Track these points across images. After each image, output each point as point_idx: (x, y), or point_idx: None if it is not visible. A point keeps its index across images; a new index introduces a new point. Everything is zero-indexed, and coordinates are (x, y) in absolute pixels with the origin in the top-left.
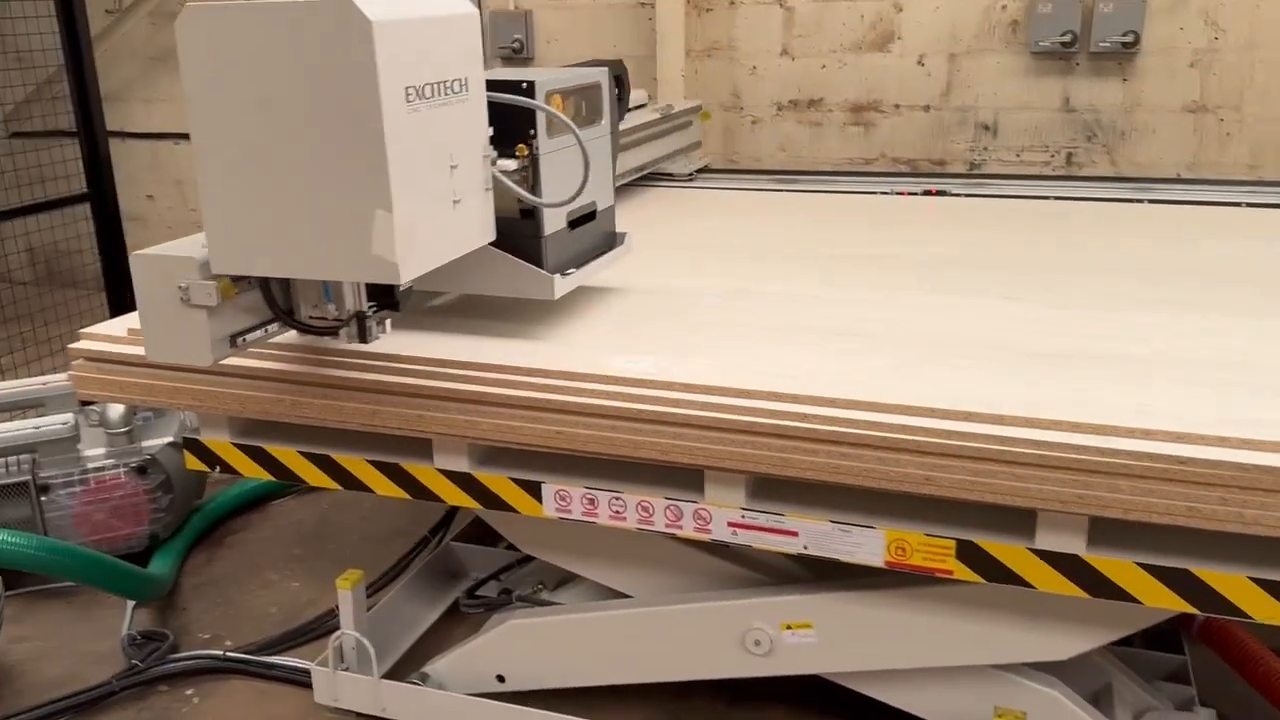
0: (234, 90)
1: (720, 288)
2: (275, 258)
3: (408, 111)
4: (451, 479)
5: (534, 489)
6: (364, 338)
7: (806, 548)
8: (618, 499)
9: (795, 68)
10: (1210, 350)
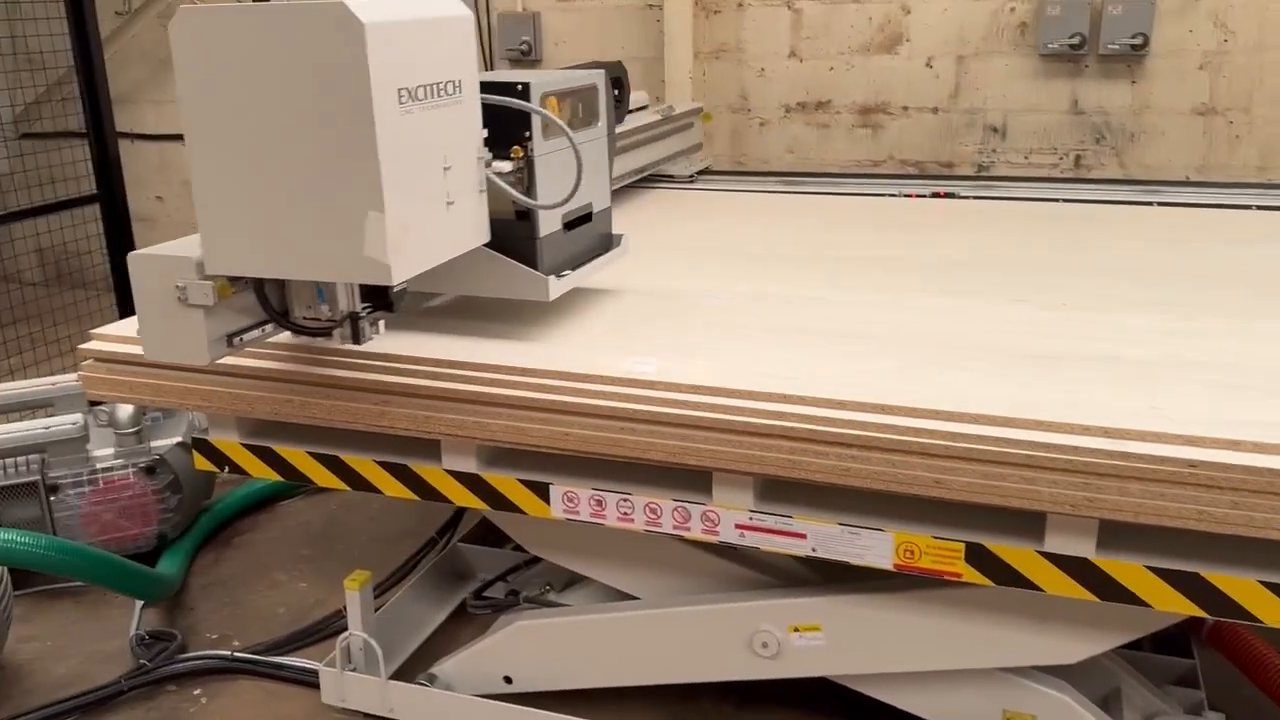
0: (227, 91)
1: (725, 290)
2: (268, 258)
3: (400, 113)
4: (459, 480)
5: (542, 490)
6: (357, 339)
7: (814, 550)
8: (625, 500)
9: (803, 70)
10: (1221, 353)
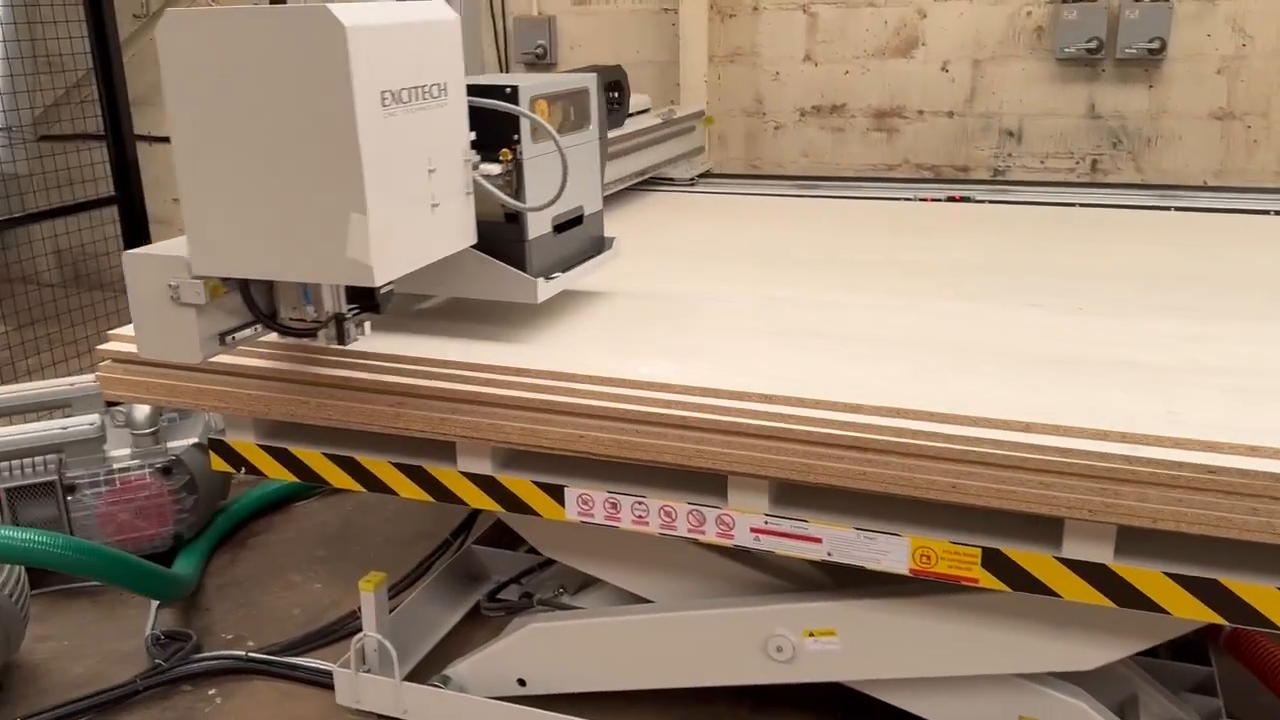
0: (213, 94)
1: (738, 293)
2: (253, 260)
3: (383, 116)
4: (474, 482)
5: (557, 493)
6: (342, 340)
7: (830, 554)
8: (640, 503)
9: (818, 73)
10: (1239, 358)
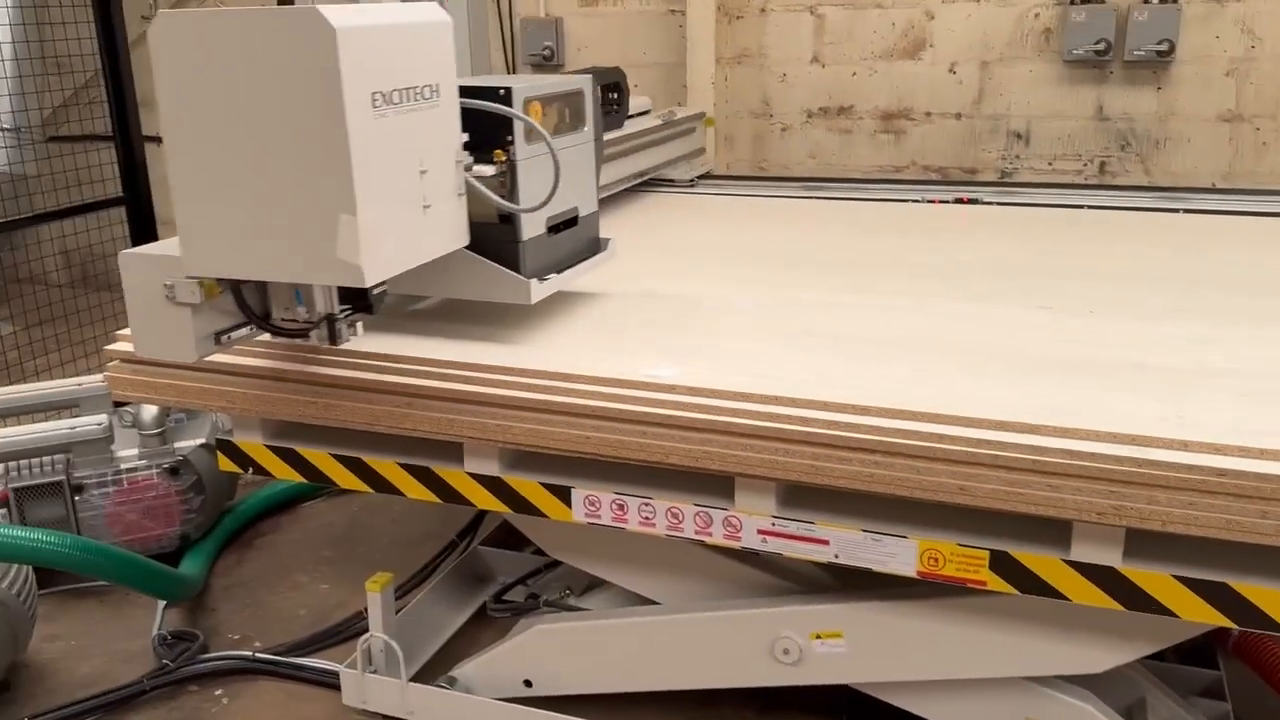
0: (205, 95)
1: (744, 295)
2: (244, 260)
3: (374, 117)
4: (481, 483)
5: (564, 494)
6: (334, 340)
7: (837, 556)
8: (647, 505)
9: (826, 75)
10: (1246, 361)
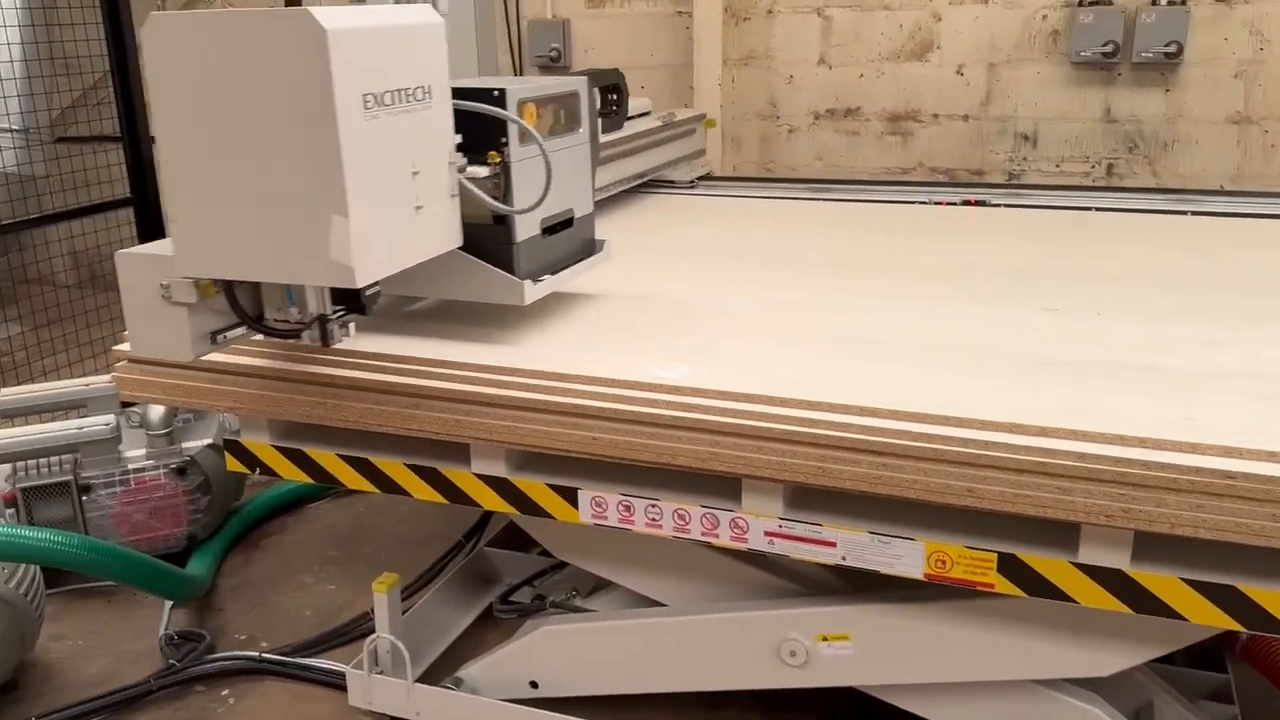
0: (198, 96)
1: (748, 296)
2: (236, 261)
3: (365, 118)
4: (488, 484)
5: (570, 495)
6: (325, 341)
7: (844, 559)
8: (654, 506)
9: (833, 77)
10: (1255, 363)
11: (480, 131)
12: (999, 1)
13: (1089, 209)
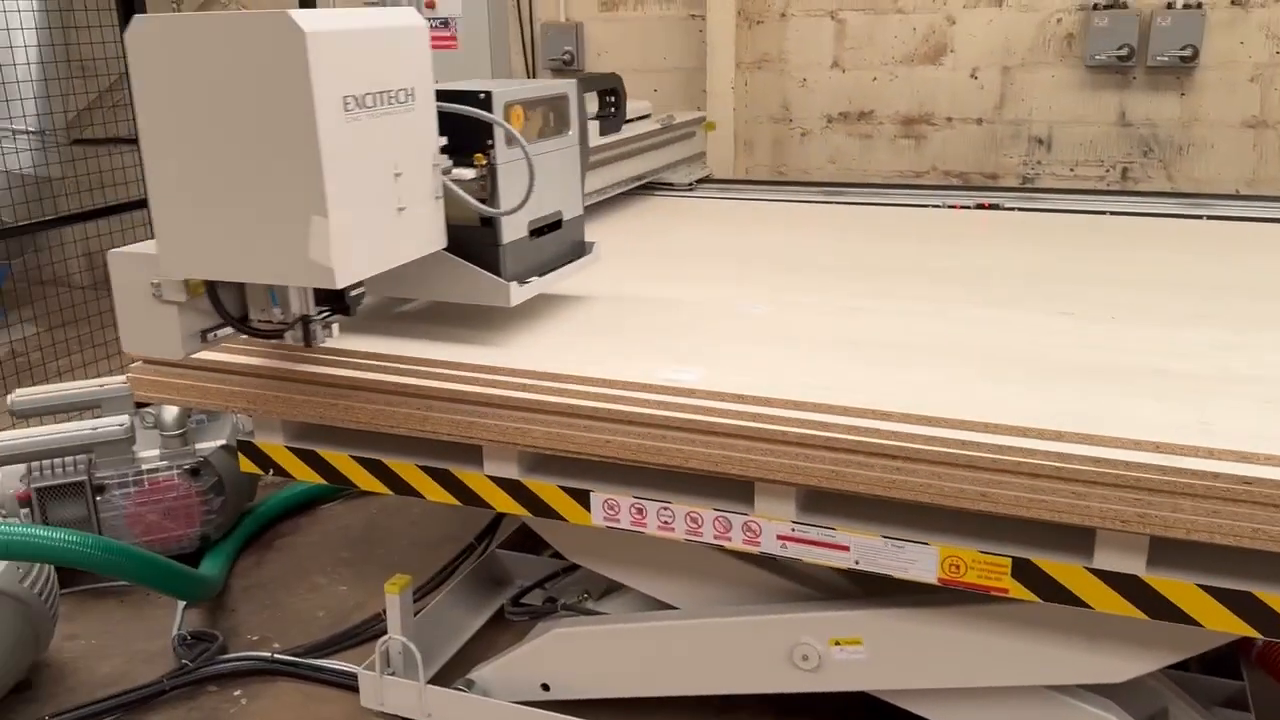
0: (181, 99)
1: (760, 299)
2: (219, 261)
3: (345, 120)
4: (501, 486)
5: (583, 497)
6: (308, 341)
7: (858, 563)
8: (666, 509)
9: (846, 80)
10: (1270, 367)
11: (467, 134)
12: (1013, 5)
13: (1103, 213)
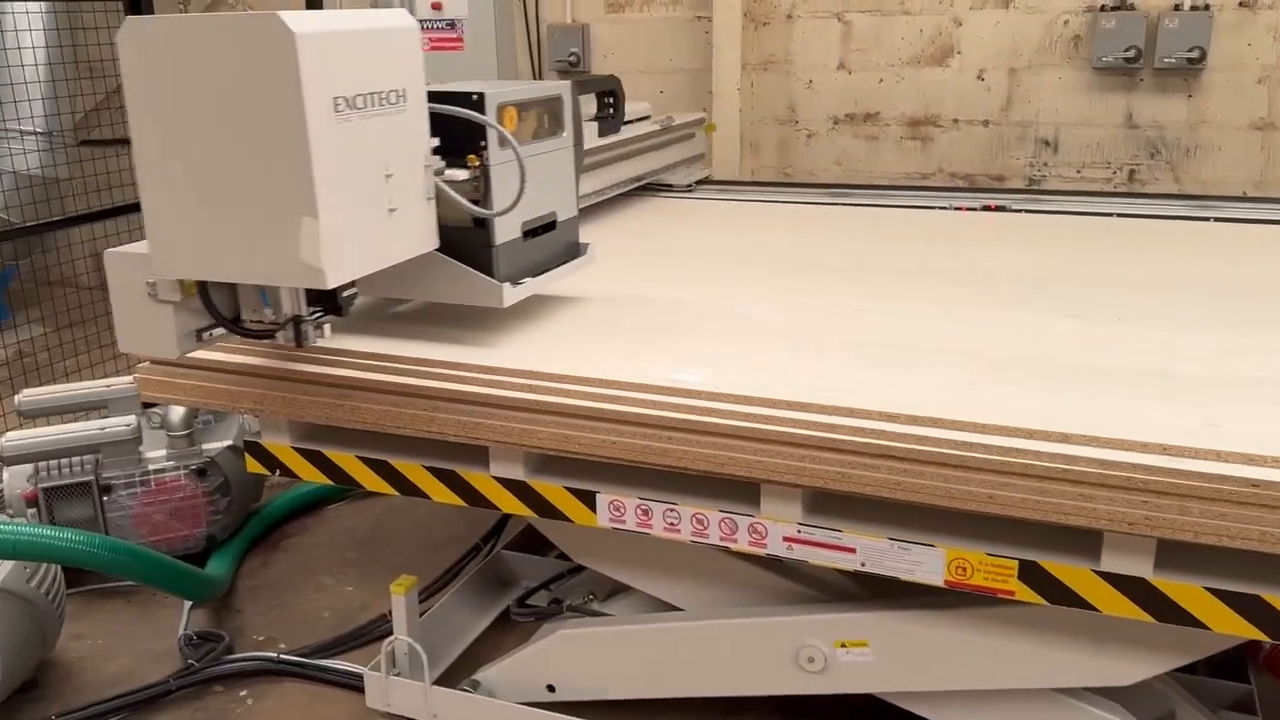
0: (171, 100)
1: (764, 301)
2: (210, 262)
3: (335, 121)
4: (507, 487)
5: (589, 499)
6: (299, 342)
7: (864, 565)
8: (672, 511)
9: (852, 81)
10: (1276, 370)
11: (461, 135)
12: (1020, 6)
13: (1110, 215)
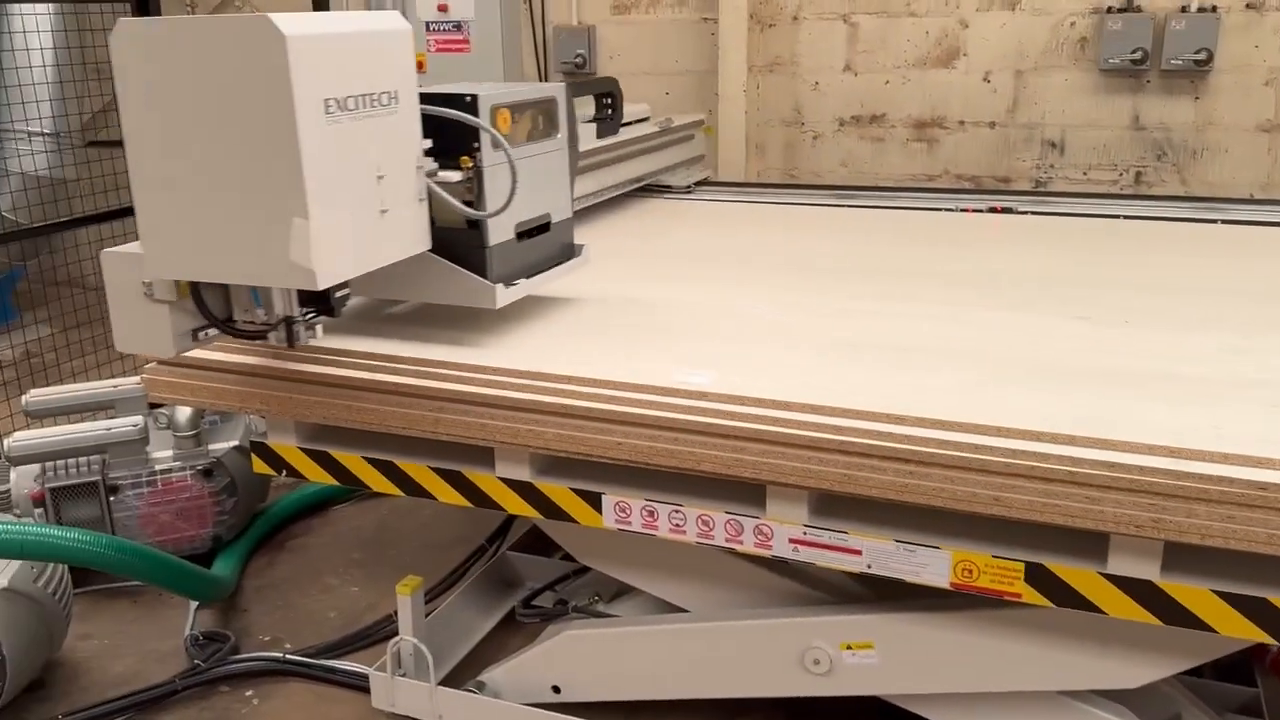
0: (164, 101)
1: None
2: (201, 263)
3: (326, 123)
4: (512, 487)
5: (594, 500)
6: (291, 342)
7: (870, 567)
8: (678, 512)
9: (858, 83)
10: (1275, 371)
11: (454, 136)
12: (1026, 8)
13: (1117, 217)
